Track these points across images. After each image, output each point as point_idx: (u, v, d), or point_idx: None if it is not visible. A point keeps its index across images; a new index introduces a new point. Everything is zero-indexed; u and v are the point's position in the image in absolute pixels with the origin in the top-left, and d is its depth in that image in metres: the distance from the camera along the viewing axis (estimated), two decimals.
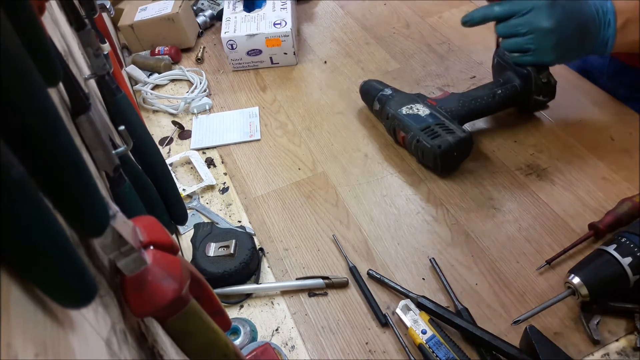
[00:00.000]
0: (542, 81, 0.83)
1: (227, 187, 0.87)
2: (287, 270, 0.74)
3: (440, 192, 0.81)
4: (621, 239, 0.63)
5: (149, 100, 1.05)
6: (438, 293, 0.69)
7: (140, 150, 0.61)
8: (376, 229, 0.77)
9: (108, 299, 0.33)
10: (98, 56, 0.53)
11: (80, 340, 0.26)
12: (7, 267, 0.21)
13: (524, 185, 0.80)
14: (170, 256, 0.36)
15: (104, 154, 0.43)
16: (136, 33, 1.15)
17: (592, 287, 0.61)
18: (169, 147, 0.97)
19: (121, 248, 0.31)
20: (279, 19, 1.07)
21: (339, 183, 0.85)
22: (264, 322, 0.69)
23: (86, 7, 0.57)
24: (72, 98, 0.40)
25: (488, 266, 0.70)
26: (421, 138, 0.80)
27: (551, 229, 0.73)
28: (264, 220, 0.81)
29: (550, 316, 0.64)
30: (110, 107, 0.58)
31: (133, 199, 0.49)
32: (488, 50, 0.96)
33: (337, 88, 1.03)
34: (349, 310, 0.69)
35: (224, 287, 0.71)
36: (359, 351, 0.65)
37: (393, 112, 0.86)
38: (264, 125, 0.98)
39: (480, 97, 0.85)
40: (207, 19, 1.24)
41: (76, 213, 0.27)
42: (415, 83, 1.01)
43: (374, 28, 1.17)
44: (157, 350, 0.41)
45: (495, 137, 0.88)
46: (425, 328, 0.63)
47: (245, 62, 1.10)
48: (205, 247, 0.73)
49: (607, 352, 0.60)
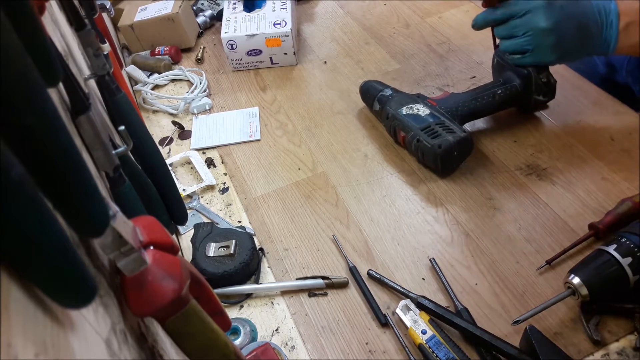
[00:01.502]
0: (542, 81, 0.83)
1: (227, 187, 0.87)
2: (287, 270, 0.74)
3: (440, 192, 0.81)
4: (621, 239, 0.63)
5: (149, 100, 1.05)
6: (438, 293, 0.69)
7: (140, 150, 0.61)
8: (376, 229, 0.77)
9: (108, 299, 0.33)
10: (98, 56, 0.53)
11: (80, 340, 0.26)
12: (7, 267, 0.21)
13: (524, 185, 0.80)
14: (170, 256, 0.36)
15: (104, 154, 0.43)
16: (136, 33, 1.15)
17: (592, 287, 0.61)
18: (169, 147, 0.97)
19: (121, 248, 0.31)
20: (279, 19, 1.07)
21: (339, 183, 0.85)
22: (264, 322, 0.69)
23: (86, 7, 0.57)
24: (72, 98, 0.40)
25: (488, 266, 0.70)
26: (421, 138, 0.80)
27: (551, 229, 0.73)
28: (264, 220, 0.81)
29: (550, 316, 0.64)
30: (110, 107, 0.58)
31: (133, 199, 0.49)
32: (488, 50, 0.96)
33: (337, 88, 1.03)
34: (349, 310, 0.69)
35: (224, 287, 0.71)
36: (359, 351, 0.65)
37: (393, 112, 0.86)
38: (264, 125, 0.98)
39: (480, 97, 0.85)
40: (207, 19, 1.24)
41: (76, 213, 0.27)
42: (415, 83, 1.01)
43: (374, 28, 1.17)
44: (157, 350, 0.41)
45: (495, 137, 0.88)
46: (425, 328, 0.63)
47: (245, 62, 1.10)
48: (205, 247, 0.73)
49: (607, 352, 0.60)
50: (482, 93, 0.86)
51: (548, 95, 0.86)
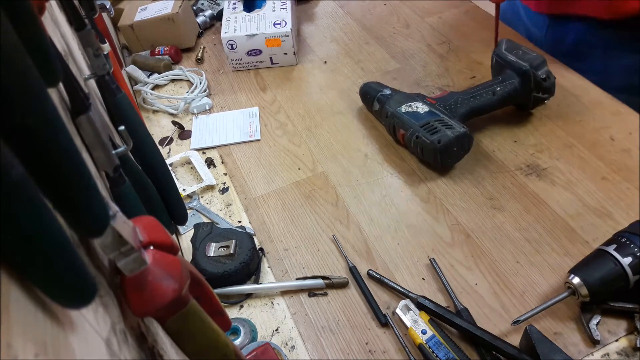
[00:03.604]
0: (540, 78, 0.83)
1: (227, 187, 0.87)
2: (287, 270, 0.74)
3: (440, 192, 0.81)
4: (621, 239, 0.63)
5: (149, 100, 1.05)
6: (438, 293, 0.69)
7: (140, 150, 0.61)
8: (376, 229, 0.77)
9: (108, 299, 0.33)
10: (98, 56, 0.53)
11: (80, 340, 0.26)
12: (7, 267, 0.21)
13: (524, 185, 0.80)
14: (170, 256, 0.36)
15: (104, 154, 0.43)
16: (136, 33, 1.15)
17: (592, 287, 0.61)
18: (169, 147, 0.97)
19: (121, 248, 0.31)
20: (279, 19, 1.07)
21: (339, 183, 0.85)
22: (264, 322, 0.69)
23: (86, 7, 0.56)
24: (72, 98, 0.40)
25: (488, 266, 0.70)
26: (420, 134, 0.80)
27: (551, 229, 0.73)
28: (264, 220, 0.81)
29: (550, 316, 0.64)
30: (110, 107, 0.58)
31: (133, 199, 0.49)
32: (488, 50, 0.96)
33: (337, 88, 1.03)
34: (349, 310, 0.69)
35: (224, 287, 0.71)
36: (359, 351, 0.65)
37: (392, 111, 0.86)
38: (264, 125, 0.98)
39: (480, 95, 0.85)
40: (207, 19, 1.24)
41: (76, 213, 0.27)
42: (415, 83, 1.01)
43: (374, 28, 1.17)
44: (157, 350, 0.41)
45: (495, 137, 0.88)
46: (425, 328, 0.63)
47: (245, 62, 1.10)
48: (205, 247, 0.73)
49: (607, 352, 0.60)
50: (481, 91, 0.86)
51: (547, 92, 0.86)
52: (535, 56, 0.85)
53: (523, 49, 0.87)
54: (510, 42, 0.90)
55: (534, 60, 0.84)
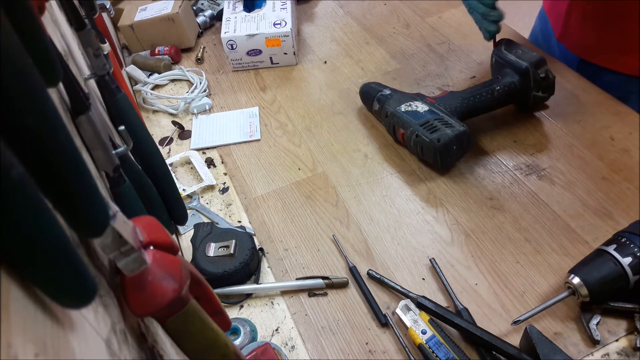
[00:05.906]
0: (540, 76, 0.83)
1: (227, 187, 0.87)
2: (287, 270, 0.74)
3: (440, 192, 0.81)
4: (621, 239, 0.63)
5: (149, 100, 1.05)
6: (438, 293, 0.69)
7: (140, 150, 0.61)
8: (376, 229, 0.77)
9: (108, 299, 0.33)
10: (98, 56, 0.53)
11: (80, 340, 0.26)
12: (7, 267, 0.21)
13: (524, 185, 0.80)
14: (170, 256, 0.36)
15: (104, 154, 0.43)
16: (136, 33, 1.15)
17: (592, 287, 0.61)
18: (169, 147, 0.97)
19: (121, 248, 0.31)
20: (279, 19, 1.07)
21: (339, 183, 0.85)
22: (264, 322, 0.69)
23: (86, 7, 0.56)
24: (72, 98, 0.40)
25: (488, 266, 0.70)
26: (420, 133, 0.80)
27: (551, 229, 0.73)
28: (264, 220, 0.81)
29: (550, 316, 0.64)
30: (110, 107, 0.58)
31: (133, 199, 0.49)
32: (488, 50, 0.96)
33: (337, 88, 1.03)
34: (349, 310, 0.69)
35: (224, 287, 0.71)
36: (359, 351, 0.65)
37: (392, 110, 0.86)
38: (264, 125, 0.98)
39: (479, 94, 0.85)
40: (207, 19, 1.24)
41: (76, 213, 0.27)
42: (415, 83, 1.01)
43: (374, 28, 1.17)
44: (157, 350, 0.41)
45: (495, 137, 0.88)
46: (425, 328, 0.63)
47: (245, 62, 1.10)
48: (205, 247, 0.73)
49: (607, 352, 0.60)
50: (480, 90, 0.86)
51: (547, 91, 0.86)
52: (534, 55, 0.85)
53: (523, 48, 0.87)
54: (510, 42, 0.90)
55: (533, 59, 0.84)
